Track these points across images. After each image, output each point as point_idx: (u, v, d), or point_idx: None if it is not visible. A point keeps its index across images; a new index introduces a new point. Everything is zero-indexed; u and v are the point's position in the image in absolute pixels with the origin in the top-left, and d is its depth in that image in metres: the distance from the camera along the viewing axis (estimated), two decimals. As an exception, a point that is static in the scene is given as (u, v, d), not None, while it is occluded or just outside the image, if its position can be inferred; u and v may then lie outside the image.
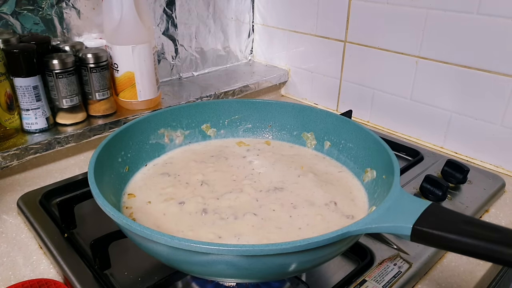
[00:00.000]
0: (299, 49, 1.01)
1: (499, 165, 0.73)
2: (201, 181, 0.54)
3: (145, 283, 0.47)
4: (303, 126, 0.63)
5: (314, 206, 0.49)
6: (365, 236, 0.54)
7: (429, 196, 0.61)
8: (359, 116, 0.92)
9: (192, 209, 0.48)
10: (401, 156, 0.77)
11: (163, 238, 0.35)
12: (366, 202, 0.51)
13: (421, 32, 0.76)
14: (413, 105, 0.82)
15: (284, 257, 0.35)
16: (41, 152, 0.69)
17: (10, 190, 0.67)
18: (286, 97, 1.09)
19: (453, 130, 0.77)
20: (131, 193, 0.52)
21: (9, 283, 0.48)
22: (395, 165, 0.45)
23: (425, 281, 0.50)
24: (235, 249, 0.34)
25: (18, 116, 0.70)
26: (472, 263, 0.52)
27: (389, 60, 0.83)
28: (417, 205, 0.37)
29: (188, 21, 0.96)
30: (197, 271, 0.40)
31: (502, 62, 0.68)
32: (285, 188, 0.53)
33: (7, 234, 0.57)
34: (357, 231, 0.36)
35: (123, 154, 0.54)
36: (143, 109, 0.82)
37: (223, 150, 0.62)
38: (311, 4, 0.93)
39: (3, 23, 0.71)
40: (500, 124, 0.71)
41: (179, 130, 0.62)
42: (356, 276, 0.48)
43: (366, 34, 0.85)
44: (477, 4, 0.68)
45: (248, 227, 0.45)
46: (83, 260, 0.50)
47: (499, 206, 0.64)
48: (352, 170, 0.57)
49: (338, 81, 0.94)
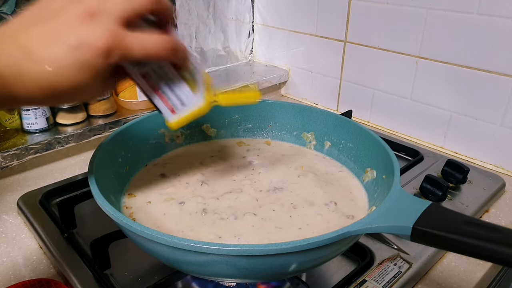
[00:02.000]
0: (299, 49, 1.01)
1: (499, 165, 0.73)
2: (201, 181, 0.54)
3: (145, 283, 0.47)
4: (303, 126, 0.63)
5: (314, 206, 0.49)
6: (365, 236, 0.54)
7: (429, 196, 0.61)
8: (359, 116, 0.92)
9: (192, 209, 0.48)
10: (401, 156, 0.77)
11: (163, 238, 0.35)
12: (366, 202, 0.51)
13: (421, 32, 0.76)
14: (413, 105, 0.82)
15: (284, 257, 0.35)
16: (41, 152, 0.69)
17: (10, 190, 0.67)
18: (286, 97, 1.09)
19: (453, 130, 0.77)
20: (131, 193, 0.52)
21: (9, 283, 0.48)
22: (395, 165, 0.45)
23: (425, 281, 0.50)
24: (235, 249, 0.34)
25: (18, 116, 0.70)
26: (472, 263, 0.52)
27: (389, 60, 0.83)
28: (417, 205, 0.37)
29: (188, 21, 0.96)
30: (197, 271, 0.40)
31: (502, 62, 0.68)
32: (285, 188, 0.53)
33: (7, 234, 0.57)
34: (357, 231, 0.36)
35: (123, 154, 0.54)
36: (143, 109, 0.82)
37: (223, 150, 0.62)
38: (311, 4, 0.93)
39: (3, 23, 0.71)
40: (500, 124, 0.71)
41: (179, 130, 0.62)
42: (356, 276, 0.48)
43: (366, 34, 0.85)
44: (477, 4, 0.68)
45: (248, 227, 0.45)
46: (83, 260, 0.50)
47: (499, 206, 0.64)
48: (352, 170, 0.57)
49: (338, 81, 0.94)
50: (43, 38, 0.31)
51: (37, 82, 0.31)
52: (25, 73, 0.30)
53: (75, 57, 0.31)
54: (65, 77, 0.31)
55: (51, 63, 0.31)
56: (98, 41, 0.31)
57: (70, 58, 0.31)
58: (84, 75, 0.31)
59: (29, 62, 0.30)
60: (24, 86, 0.31)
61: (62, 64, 0.31)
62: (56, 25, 0.31)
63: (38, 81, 0.31)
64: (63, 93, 0.32)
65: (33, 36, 0.31)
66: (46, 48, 0.31)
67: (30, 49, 0.31)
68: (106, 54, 0.31)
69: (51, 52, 0.31)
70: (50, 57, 0.31)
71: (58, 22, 0.31)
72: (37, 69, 0.31)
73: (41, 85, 0.31)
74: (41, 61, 0.30)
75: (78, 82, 0.32)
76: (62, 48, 0.31)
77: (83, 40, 0.31)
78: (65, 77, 0.31)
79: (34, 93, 0.32)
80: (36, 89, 0.31)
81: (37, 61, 0.30)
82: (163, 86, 0.40)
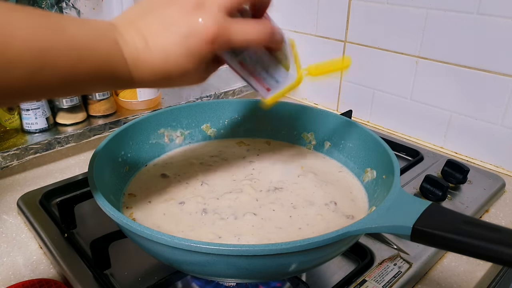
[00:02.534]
0: (299, 49, 1.01)
1: (499, 165, 0.73)
2: (201, 181, 0.54)
3: (145, 283, 0.47)
4: (303, 126, 0.63)
5: (314, 206, 0.49)
6: (365, 236, 0.54)
7: (429, 196, 0.61)
8: (359, 116, 0.92)
9: (192, 209, 0.48)
10: (401, 156, 0.77)
11: (163, 238, 0.35)
12: (366, 202, 0.51)
13: (421, 32, 0.76)
14: (413, 105, 0.82)
15: (284, 257, 0.35)
16: (41, 152, 0.69)
17: (10, 190, 0.67)
18: (286, 97, 1.09)
19: (453, 130, 0.77)
20: (131, 193, 0.52)
21: (9, 283, 0.48)
22: (395, 165, 0.45)
23: (425, 281, 0.50)
24: (235, 249, 0.34)
25: (18, 116, 0.70)
26: (472, 263, 0.52)
27: (389, 60, 0.83)
28: (417, 205, 0.37)
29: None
30: (197, 271, 0.40)
31: (502, 62, 0.68)
32: (285, 188, 0.53)
33: (7, 234, 0.57)
34: (357, 231, 0.36)
35: (123, 154, 0.54)
36: (143, 109, 0.82)
37: (223, 150, 0.62)
38: (311, 4, 0.93)
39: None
40: (500, 124, 0.71)
41: (179, 130, 0.62)
42: (356, 276, 0.48)
43: (366, 34, 0.85)
44: (477, 4, 0.68)
45: (248, 227, 0.45)
46: (83, 260, 0.50)
47: (499, 206, 0.64)
48: (352, 170, 0.57)
49: (338, 81, 0.94)
50: (157, 27, 0.33)
51: (151, 69, 0.34)
52: (141, 60, 0.33)
53: (186, 45, 0.33)
54: (175, 64, 0.34)
55: (165, 51, 0.33)
56: (206, 30, 0.33)
57: (181, 47, 0.33)
58: (192, 61, 0.34)
59: (146, 49, 0.33)
60: (138, 71, 0.33)
61: (174, 52, 0.33)
62: (169, 15, 0.34)
63: (152, 67, 0.33)
64: (172, 78, 0.35)
65: (148, 24, 0.34)
66: (160, 37, 0.33)
67: (146, 38, 0.33)
68: (212, 41, 0.33)
69: (165, 42, 0.33)
70: (164, 46, 0.33)
71: (170, 11, 0.34)
72: (152, 57, 0.33)
73: (155, 71, 0.34)
74: (156, 49, 0.33)
75: (186, 68, 0.34)
76: (174, 37, 0.33)
77: (193, 29, 0.33)
78: (175, 64, 0.34)
79: (146, 78, 0.34)
80: (149, 74, 0.34)
81: (153, 50, 0.33)
82: (259, 69, 0.42)
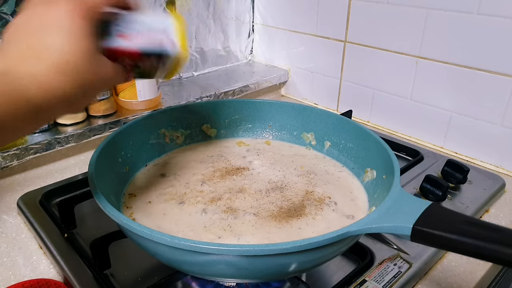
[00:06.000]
0: (299, 49, 1.01)
1: (499, 165, 0.73)
2: (201, 181, 0.54)
3: (145, 283, 0.47)
4: (303, 126, 0.63)
5: (314, 206, 0.49)
6: (365, 236, 0.54)
7: (429, 196, 0.61)
8: (359, 116, 0.92)
9: (192, 209, 0.49)
10: (401, 156, 0.77)
11: (163, 238, 0.35)
12: (366, 202, 0.51)
13: (421, 32, 0.76)
14: (413, 105, 0.82)
15: (284, 257, 0.35)
16: (41, 152, 0.69)
17: (10, 190, 0.67)
18: (286, 97, 1.09)
19: (453, 130, 0.77)
20: (131, 193, 0.52)
21: (9, 283, 0.48)
22: (395, 165, 0.45)
23: (425, 281, 0.50)
24: (235, 249, 0.34)
25: (18, 116, 0.70)
26: (472, 263, 0.52)
27: (389, 60, 0.83)
28: (417, 205, 0.37)
29: (188, 21, 0.96)
30: (197, 271, 0.40)
31: (502, 62, 0.68)
32: (285, 188, 0.53)
33: (7, 234, 0.57)
34: (357, 231, 0.36)
35: (123, 154, 0.54)
36: (143, 109, 0.82)
37: (223, 150, 0.62)
38: (311, 4, 0.93)
39: (3, 23, 0.71)
40: (500, 124, 0.71)
41: (179, 130, 0.62)
42: (356, 276, 0.48)
43: (366, 34, 0.85)
44: (477, 4, 0.68)
45: (248, 227, 0.45)
46: (83, 260, 0.50)
47: (499, 206, 0.64)
48: (352, 170, 0.57)
49: (338, 81, 0.94)
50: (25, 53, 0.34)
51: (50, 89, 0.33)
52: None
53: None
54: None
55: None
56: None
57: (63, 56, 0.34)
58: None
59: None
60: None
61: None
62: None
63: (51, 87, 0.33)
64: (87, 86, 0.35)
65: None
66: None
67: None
68: (83, 16, 0.34)
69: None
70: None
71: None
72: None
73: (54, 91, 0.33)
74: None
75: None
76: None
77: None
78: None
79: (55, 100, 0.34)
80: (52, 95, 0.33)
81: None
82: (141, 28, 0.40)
